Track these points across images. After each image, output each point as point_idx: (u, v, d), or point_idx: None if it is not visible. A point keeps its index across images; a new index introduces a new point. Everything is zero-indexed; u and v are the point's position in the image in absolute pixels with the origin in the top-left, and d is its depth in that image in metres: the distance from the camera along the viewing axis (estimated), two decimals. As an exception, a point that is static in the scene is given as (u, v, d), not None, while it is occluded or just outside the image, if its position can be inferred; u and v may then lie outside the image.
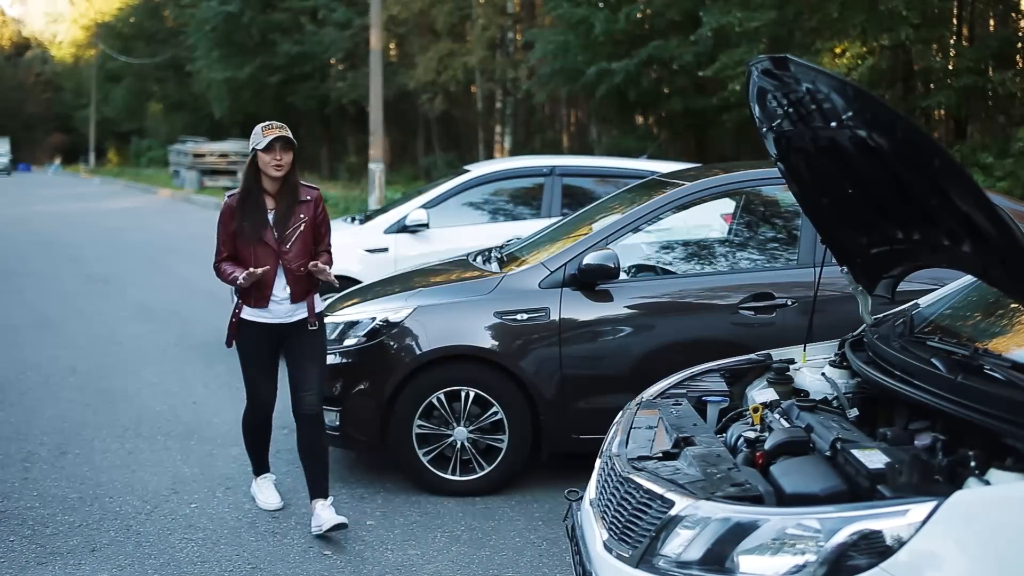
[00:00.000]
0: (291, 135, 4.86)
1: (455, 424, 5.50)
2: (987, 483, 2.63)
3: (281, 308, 4.98)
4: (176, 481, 5.73)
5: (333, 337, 5.75)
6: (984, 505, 2.48)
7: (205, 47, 38.48)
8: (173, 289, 12.89)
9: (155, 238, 19.26)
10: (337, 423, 5.60)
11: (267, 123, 4.88)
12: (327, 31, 32.71)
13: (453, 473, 5.53)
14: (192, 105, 47.44)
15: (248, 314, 5.01)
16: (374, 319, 5.63)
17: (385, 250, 8.71)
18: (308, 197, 5.00)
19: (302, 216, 4.97)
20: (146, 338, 9.73)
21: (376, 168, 18.87)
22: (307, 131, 43.43)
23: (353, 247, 8.73)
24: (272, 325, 5.00)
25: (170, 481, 5.73)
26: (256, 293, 4.94)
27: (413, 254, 8.51)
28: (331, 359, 5.67)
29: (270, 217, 4.93)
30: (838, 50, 16.59)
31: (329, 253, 5.12)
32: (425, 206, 8.85)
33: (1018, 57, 15.32)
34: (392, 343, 5.53)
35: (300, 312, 5.01)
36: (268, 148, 4.79)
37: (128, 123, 56.41)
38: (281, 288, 4.95)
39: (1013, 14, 15.74)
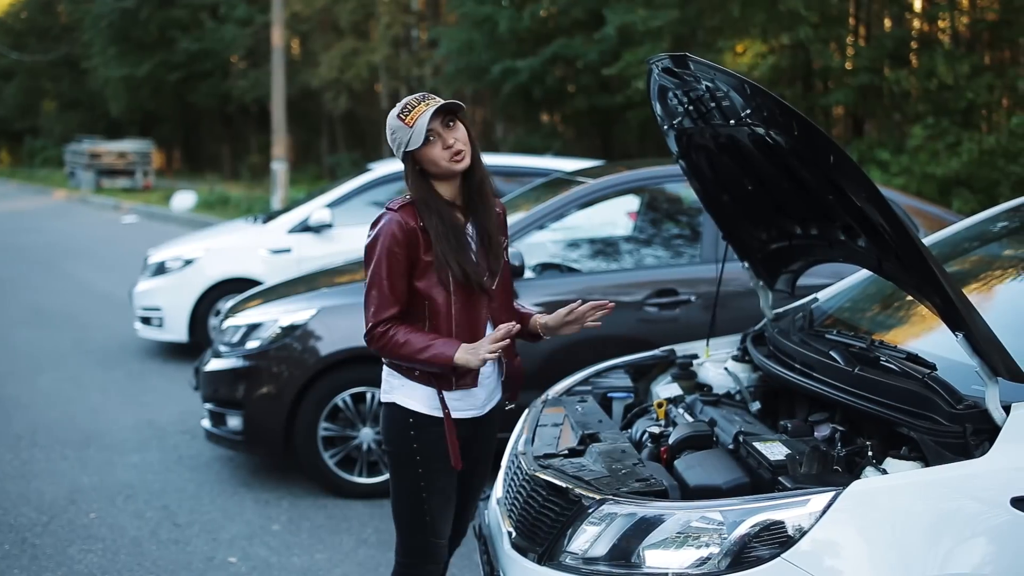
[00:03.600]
0: (452, 102, 3.04)
1: (361, 425, 5.46)
2: (884, 472, 2.69)
3: (484, 391, 3.22)
4: (74, 491, 5.57)
5: (236, 340, 5.66)
6: (881, 493, 2.54)
7: (101, 44, 37.54)
8: (69, 293, 12.54)
9: (50, 240, 18.70)
10: (240, 428, 5.51)
11: (404, 104, 3.03)
12: (228, 28, 32.16)
13: (360, 475, 5.47)
14: (88, 103, 46.24)
15: (434, 405, 3.13)
16: (277, 321, 5.54)
17: (288, 250, 8.61)
18: (498, 209, 3.31)
19: (503, 239, 3.27)
20: (41, 344, 9.44)
21: (279, 167, 18.63)
22: (208, 130, 42.79)
23: (255, 248, 8.62)
24: (465, 422, 3.19)
25: (67, 491, 5.56)
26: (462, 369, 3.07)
27: (317, 254, 8.41)
28: (234, 362, 5.58)
29: (467, 240, 3.14)
30: (740, 49, 16.87)
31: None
32: (329, 205, 8.77)
33: (912, 56, 15.74)
34: (296, 345, 5.46)
35: (491, 402, 3.28)
36: (427, 140, 3.01)
37: (20, 122, 54.64)
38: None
39: (907, 14, 16.18)
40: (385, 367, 3.22)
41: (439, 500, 3.17)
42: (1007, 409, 2.55)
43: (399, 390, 3.16)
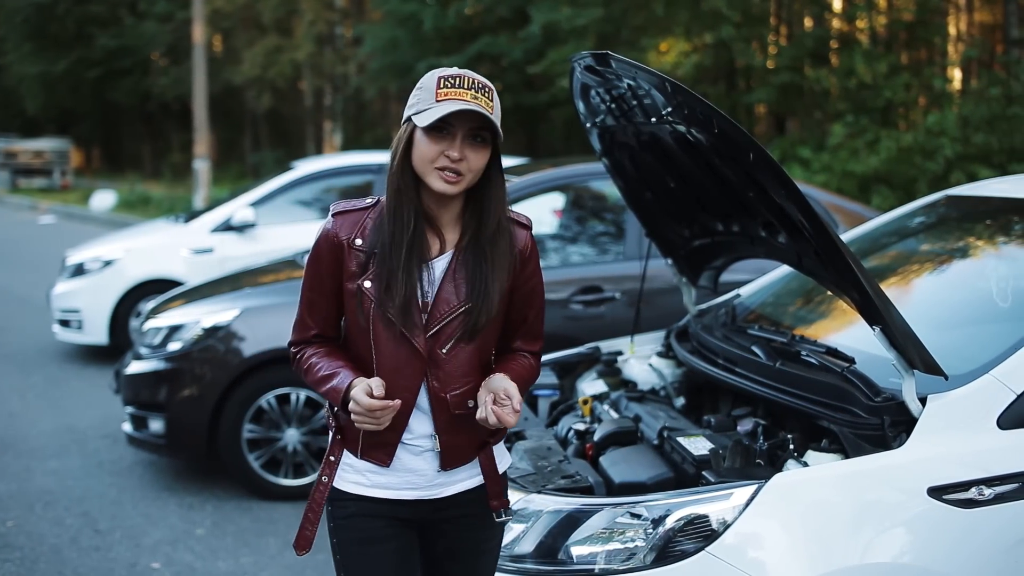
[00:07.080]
0: (494, 115, 2.22)
1: (286, 427, 5.40)
2: (805, 464, 2.73)
3: (420, 469, 2.36)
4: (-11, 498, 5.44)
5: (157, 342, 5.57)
6: (802, 485, 2.58)
7: (15, 40, 36.69)
8: (-15, 295, 12.22)
9: (-36, 242, 18.21)
10: (163, 431, 5.42)
11: (459, 74, 2.22)
12: (148, 24, 31.62)
13: (285, 477, 5.42)
14: (3, 101, 45.12)
15: (350, 478, 2.39)
16: (199, 322, 5.46)
17: (211, 250, 8.47)
18: (520, 247, 2.38)
19: (492, 281, 2.31)
20: (-45, 348, 9.19)
21: (201, 166, 18.37)
22: (128, 128, 42.00)
23: (177, 248, 8.48)
24: (401, 503, 2.37)
25: (-17, 498, 5.43)
26: (370, 435, 2.34)
27: (240, 254, 8.30)
28: (156, 364, 5.49)
29: (425, 275, 2.30)
30: (663, 47, 17.03)
31: (534, 356, 2.47)
32: (252, 204, 8.66)
33: (832, 55, 16.05)
34: (219, 346, 5.38)
35: (457, 482, 2.40)
36: (437, 128, 2.21)
37: (-68, 120, 53.23)
38: (423, 431, 2.36)
39: (827, 14, 16.48)
40: None
41: None
42: (923, 401, 2.60)
43: None
